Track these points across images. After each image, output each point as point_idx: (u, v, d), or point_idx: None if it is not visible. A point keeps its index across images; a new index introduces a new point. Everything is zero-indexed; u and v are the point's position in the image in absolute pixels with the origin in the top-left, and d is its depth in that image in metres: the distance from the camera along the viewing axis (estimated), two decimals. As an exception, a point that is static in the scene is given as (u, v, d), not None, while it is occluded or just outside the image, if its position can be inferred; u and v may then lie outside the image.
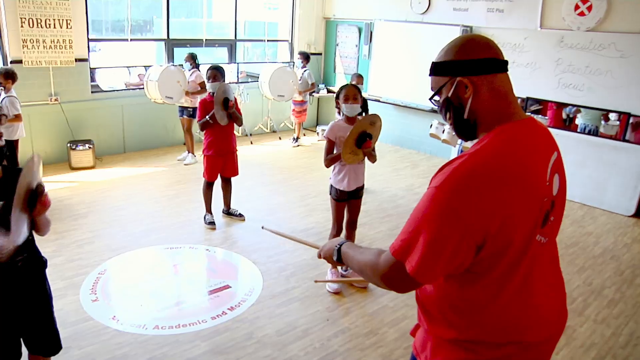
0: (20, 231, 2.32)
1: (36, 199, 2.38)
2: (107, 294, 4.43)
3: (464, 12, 8.51)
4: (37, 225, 2.56)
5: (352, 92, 4.36)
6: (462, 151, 6.32)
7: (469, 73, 1.64)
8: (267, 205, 6.57)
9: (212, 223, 5.79)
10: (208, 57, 9.87)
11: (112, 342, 3.78)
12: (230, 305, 4.28)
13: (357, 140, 4.15)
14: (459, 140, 6.24)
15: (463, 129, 1.72)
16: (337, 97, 4.44)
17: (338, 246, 1.95)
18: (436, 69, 1.74)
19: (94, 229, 5.67)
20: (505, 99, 1.66)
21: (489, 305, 1.62)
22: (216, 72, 5.61)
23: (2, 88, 6.36)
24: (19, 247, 2.35)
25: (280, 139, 10.07)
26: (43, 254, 2.80)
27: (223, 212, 6.10)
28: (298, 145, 9.59)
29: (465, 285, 1.63)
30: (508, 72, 1.69)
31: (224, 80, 5.70)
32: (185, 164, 8.17)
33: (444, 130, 6.41)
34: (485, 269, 1.58)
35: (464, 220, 1.49)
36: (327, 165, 4.45)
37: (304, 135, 10.11)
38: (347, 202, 4.55)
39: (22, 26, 7.35)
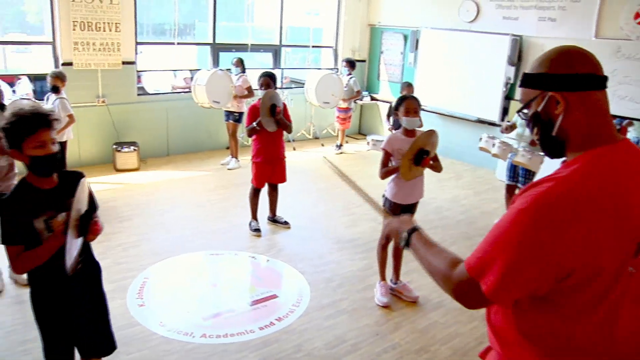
0: (74, 249, 2.35)
1: (88, 225, 2.40)
2: (153, 299, 4.41)
3: (514, 20, 8.31)
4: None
5: (413, 105, 4.25)
6: (513, 166, 6.14)
7: (563, 88, 1.52)
8: (311, 213, 6.49)
9: (258, 230, 5.73)
10: (251, 61, 9.86)
11: (160, 349, 3.74)
12: (278, 316, 4.20)
13: (415, 158, 4.04)
14: (510, 154, 6.06)
15: (549, 146, 1.62)
16: (396, 109, 4.34)
17: (409, 232, 1.85)
18: (527, 81, 1.63)
19: (139, 232, 5.67)
20: (600, 119, 1.53)
21: (569, 336, 1.51)
22: (268, 79, 5.57)
23: (54, 91, 6.45)
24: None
25: (322, 145, 10.00)
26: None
27: (268, 219, 6.05)
28: (341, 153, 9.51)
29: (544, 313, 1.52)
30: (607, 90, 1.57)
31: (275, 87, 5.64)
32: (228, 169, 8.17)
33: (494, 144, 6.21)
34: (566, 299, 1.48)
35: (547, 252, 1.40)
36: (382, 178, 4.35)
37: (347, 142, 10.00)
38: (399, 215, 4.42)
39: (74, 29, 7.46)
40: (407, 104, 4.27)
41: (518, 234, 1.44)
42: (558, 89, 1.52)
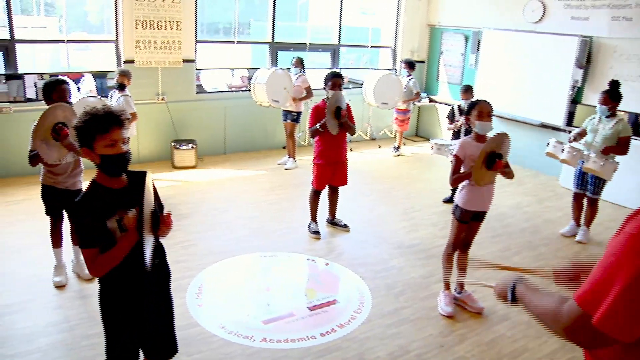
0: (149, 246, 2.34)
1: (159, 222, 2.41)
2: (212, 300, 4.38)
3: (584, 21, 7.95)
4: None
5: (487, 110, 4.08)
6: (581, 173, 5.86)
7: None
8: (370, 217, 6.37)
9: (317, 232, 5.66)
10: (307, 61, 9.79)
11: (220, 352, 3.70)
12: (339, 322, 4.10)
13: (486, 161, 3.87)
14: (579, 161, 5.79)
15: None
16: (468, 113, 4.17)
17: (512, 286, 1.75)
18: None
19: (197, 231, 5.67)
20: None
21: None
22: (338, 80, 5.48)
23: (119, 88, 6.56)
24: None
25: (380, 147, 9.86)
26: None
27: (327, 221, 5.97)
28: (399, 155, 9.35)
29: None
30: None
31: (341, 89, 5.54)
32: (285, 168, 8.13)
33: (562, 150, 5.92)
34: None
35: None
36: (454, 185, 4.20)
37: (404, 144, 9.83)
38: (468, 223, 4.27)
39: (136, 27, 7.56)
40: (480, 107, 4.11)
41: (632, 259, 1.33)
42: None
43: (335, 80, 5.48)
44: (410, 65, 9.15)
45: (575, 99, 8.14)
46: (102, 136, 2.31)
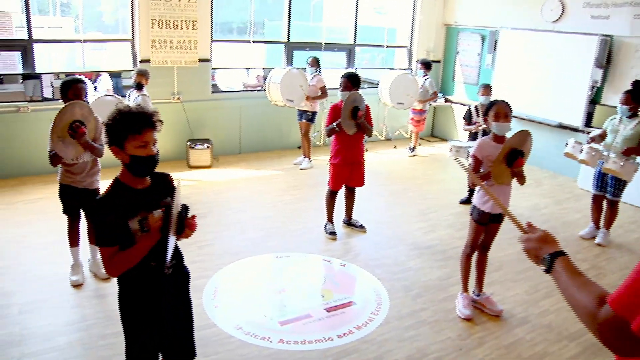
0: (171, 248, 2.33)
1: (184, 224, 2.36)
2: (229, 300, 4.36)
3: (604, 20, 7.83)
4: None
5: (504, 110, 4.02)
6: (600, 175, 5.77)
7: None
8: (386, 218, 6.32)
9: (334, 233, 5.62)
10: (323, 61, 9.75)
11: (237, 353, 3.68)
12: (356, 324, 4.06)
13: (507, 158, 3.80)
14: (599, 162, 5.70)
15: None
16: (486, 114, 4.12)
17: (551, 256, 1.65)
18: None
19: (213, 231, 5.66)
20: None
21: None
22: (347, 81, 5.43)
23: (137, 88, 6.57)
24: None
25: (395, 147, 9.81)
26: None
27: (344, 222, 5.93)
28: (414, 155, 9.29)
29: None
30: None
31: (358, 89, 5.49)
32: (301, 168, 8.11)
33: (582, 150, 5.82)
34: None
35: None
36: (473, 186, 4.14)
37: (420, 145, 9.76)
38: (487, 225, 4.21)
39: (152, 27, 7.57)
40: (498, 108, 4.05)
41: None
42: None
43: (344, 81, 5.44)
44: (427, 65, 9.09)
45: (595, 100, 8.03)
46: (134, 137, 2.29)
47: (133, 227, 2.32)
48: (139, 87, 6.62)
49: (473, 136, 6.93)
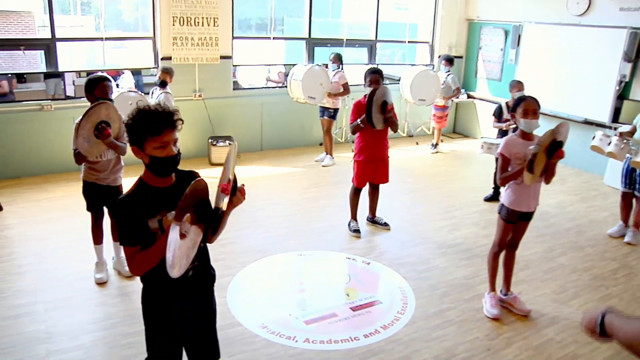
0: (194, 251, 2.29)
1: (236, 188, 2.43)
2: (253, 299, 4.32)
3: (634, 12, 7.64)
4: (209, 235, 2.46)
5: (533, 106, 3.91)
6: (629, 172, 5.63)
7: None
8: (410, 215, 6.25)
9: (357, 231, 5.57)
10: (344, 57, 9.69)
11: (262, 353, 3.64)
12: (383, 324, 4.00)
13: (548, 149, 3.70)
14: (627, 156, 5.56)
15: None
16: (514, 110, 4.01)
17: (601, 316, 1.63)
18: None
19: (235, 229, 5.61)
20: None
21: None
22: (378, 75, 5.36)
23: (161, 85, 6.57)
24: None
25: (417, 144, 9.71)
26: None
27: (367, 219, 5.87)
28: (437, 152, 9.19)
29: None
30: None
31: (382, 83, 5.41)
32: (323, 166, 8.06)
33: (609, 143, 5.64)
34: None
35: None
36: (503, 184, 4.03)
37: (442, 141, 9.65)
38: (515, 223, 4.12)
39: (173, 24, 7.57)
40: (526, 104, 3.94)
41: None
42: None
43: (373, 77, 5.36)
44: (450, 61, 8.98)
45: (623, 95, 7.86)
46: (153, 138, 2.22)
47: (153, 227, 2.28)
48: (162, 84, 6.62)
49: (503, 133, 6.77)
